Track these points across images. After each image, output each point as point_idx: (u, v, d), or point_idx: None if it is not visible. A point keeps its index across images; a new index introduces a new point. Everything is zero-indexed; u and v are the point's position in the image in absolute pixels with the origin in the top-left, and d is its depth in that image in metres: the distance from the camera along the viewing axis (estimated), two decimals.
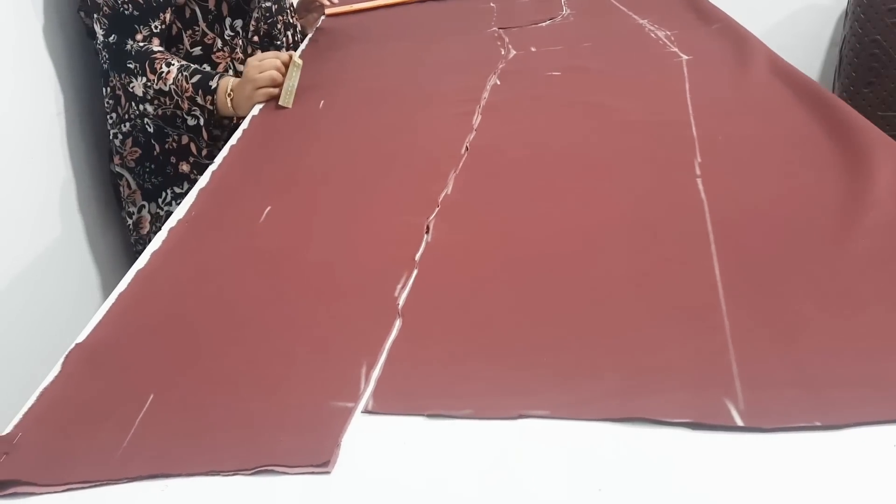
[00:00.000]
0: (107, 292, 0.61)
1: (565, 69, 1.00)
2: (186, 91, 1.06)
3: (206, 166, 1.05)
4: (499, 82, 0.99)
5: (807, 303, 0.48)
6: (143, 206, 1.13)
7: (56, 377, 0.52)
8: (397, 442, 0.42)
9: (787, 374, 0.42)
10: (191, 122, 1.12)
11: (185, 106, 1.07)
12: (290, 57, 1.06)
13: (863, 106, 1.90)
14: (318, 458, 0.42)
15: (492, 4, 1.44)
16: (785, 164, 0.67)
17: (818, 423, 0.39)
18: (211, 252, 0.67)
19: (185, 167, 1.13)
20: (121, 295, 0.61)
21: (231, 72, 1.16)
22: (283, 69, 1.05)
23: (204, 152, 1.14)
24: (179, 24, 1.11)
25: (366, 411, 0.45)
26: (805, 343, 0.45)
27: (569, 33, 1.18)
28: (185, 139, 1.13)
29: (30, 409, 0.49)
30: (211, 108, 1.07)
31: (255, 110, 1.03)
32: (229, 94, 1.07)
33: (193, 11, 1.12)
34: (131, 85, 1.06)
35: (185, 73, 1.06)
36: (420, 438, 0.42)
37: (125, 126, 1.10)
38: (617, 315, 0.50)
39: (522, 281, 0.55)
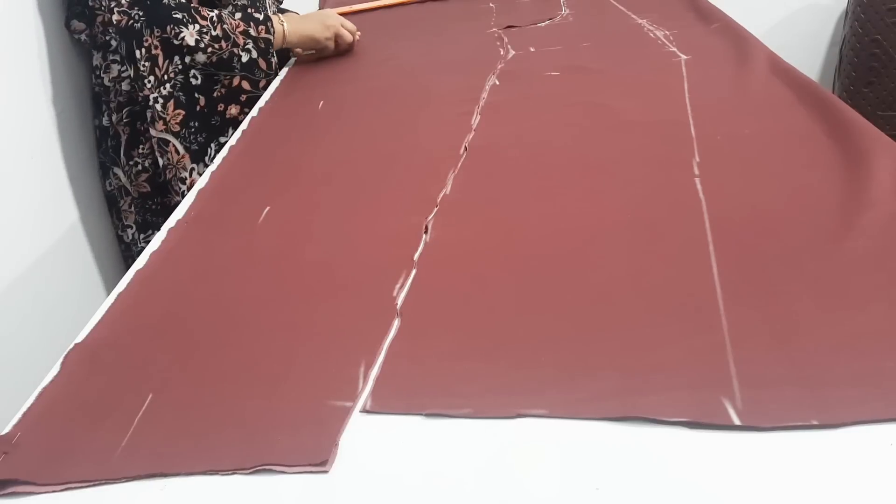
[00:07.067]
0: (106, 292, 0.61)
1: (564, 69, 1.00)
2: (238, 27, 1.08)
3: (258, 98, 1.12)
4: (498, 82, 0.99)
5: (805, 302, 0.48)
6: (193, 168, 1.10)
7: (55, 377, 0.52)
8: (395, 441, 0.43)
9: (785, 372, 0.43)
10: (244, 57, 1.10)
11: (241, 41, 1.08)
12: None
13: (863, 106, 1.90)
14: (316, 457, 0.42)
15: (491, 4, 1.44)
16: (783, 164, 0.67)
17: (816, 422, 0.39)
18: (210, 252, 0.67)
19: (233, 110, 1.12)
20: (120, 295, 0.62)
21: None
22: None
23: (262, 83, 1.14)
24: None
25: (364, 410, 0.45)
26: (803, 342, 0.45)
27: (568, 33, 1.18)
28: (236, 80, 1.11)
29: (29, 408, 0.49)
30: (266, 36, 1.11)
31: (255, 110, 1.03)
32: (282, 22, 1.13)
33: None
34: (181, 35, 1.04)
35: (225, 13, 1.08)
36: (418, 438, 0.43)
37: (165, 88, 1.06)
38: (615, 314, 0.50)
39: (521, 280, 0.55)
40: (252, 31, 1.10)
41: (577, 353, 0.47)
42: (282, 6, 1.40)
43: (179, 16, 1.04)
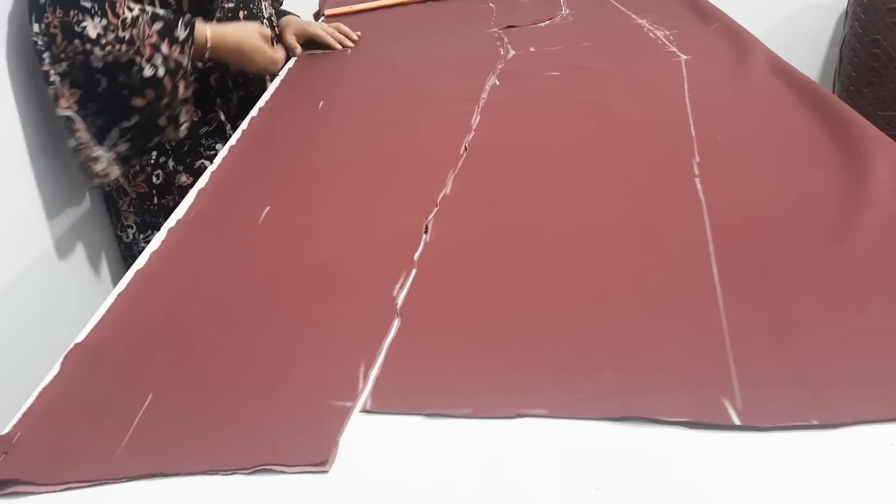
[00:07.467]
0: (106, 292, 0.61)
1: (564, 69, 1.00)
2: (150, 38, 0.97)
3: (164, 105, 1.02)
4: (498, 82, 0.99)
5: (805, 302, 0.48)
6: (100, 151, 1.01)
7: (55, 377, 0.52)
8: (396, 441, 0.43)
9: (785, 372, 0.43)
10: (148, 72, 0.98)
11: (148, 53, 0.97)
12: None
13: (863, 106, 1.90)
14: (316, 457, 0.42)
15: (491, 4, 1.44)
16: (783, 164, 0.67)
17: (816, 422, 0.39)
18: (210, 252, 0.67)
19: (139, 101, 1.01)
20: (120, 295, 0.62)
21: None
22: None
23: (165, 101, 1.01)
24: None
25: (364, 410, 0.45)
26: (803, 342, 0.45)
27: (568, 33, 1.18)
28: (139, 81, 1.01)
29: (29, 408, 0.49)
30: (179, 57, 0.99)
31: (255, 110, 1.03)
32: (207, 48, 1.03)
33: (153, 1, 1.06)
34: (82, 24, 0.94)
35: (145, 17, 0.97)
36: (418, 437, 0.43)
37: (61, 66, 0.97)
38: (615, 314, 0.50)
39: (521, 280, 0.55)
40: (164, 48, 0.98)
41: (577, 353, 0.47)
42: (282, 7, 1.40)
43: (88, 4, 0.95)
